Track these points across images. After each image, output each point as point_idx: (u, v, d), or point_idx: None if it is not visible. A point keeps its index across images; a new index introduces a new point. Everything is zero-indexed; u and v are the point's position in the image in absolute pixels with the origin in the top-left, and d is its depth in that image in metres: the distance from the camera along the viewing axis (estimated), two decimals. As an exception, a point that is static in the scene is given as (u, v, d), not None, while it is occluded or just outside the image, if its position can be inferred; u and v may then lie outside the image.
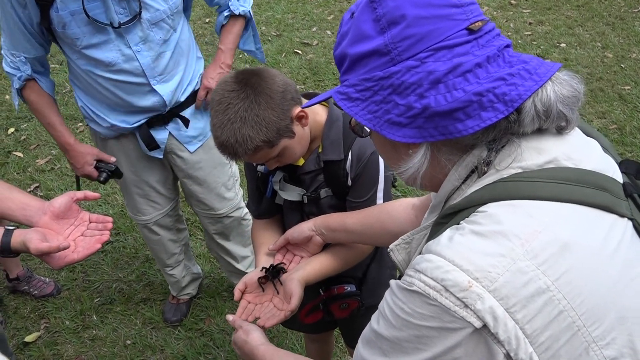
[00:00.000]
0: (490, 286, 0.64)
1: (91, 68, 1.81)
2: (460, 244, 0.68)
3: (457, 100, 0.71)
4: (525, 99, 0.71)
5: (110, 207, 3.22)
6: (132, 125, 1.95)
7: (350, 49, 0.77)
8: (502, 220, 0.68)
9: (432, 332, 0.67)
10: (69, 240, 1.28)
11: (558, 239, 0.67)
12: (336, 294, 1.57)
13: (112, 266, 2.87)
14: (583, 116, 3.93)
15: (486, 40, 0.74)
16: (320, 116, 1.40)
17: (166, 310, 2.60)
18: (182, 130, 2.02)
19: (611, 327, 0.68)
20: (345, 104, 0.79)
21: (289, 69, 4.54)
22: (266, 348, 1.16)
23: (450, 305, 0.65)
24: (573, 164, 0.73)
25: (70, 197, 1.32)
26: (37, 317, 2.61)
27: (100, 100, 1.91)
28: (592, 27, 5.08)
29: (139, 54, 1.81)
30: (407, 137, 0.74)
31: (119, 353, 2.44)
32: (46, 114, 1.94)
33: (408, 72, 0.73)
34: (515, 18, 5.28)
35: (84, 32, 1.72)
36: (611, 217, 0.72)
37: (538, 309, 0.64)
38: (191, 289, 2.61)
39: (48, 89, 1.94)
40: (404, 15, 0.73)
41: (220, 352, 2.44)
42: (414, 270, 0.70)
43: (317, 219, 1.41)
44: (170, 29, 1.85)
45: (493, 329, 0.64)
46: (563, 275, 0.66)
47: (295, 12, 5.51)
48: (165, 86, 1.90)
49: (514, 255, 0.65)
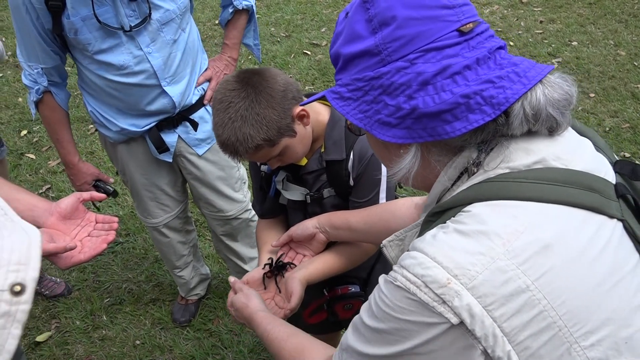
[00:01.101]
0: (468, 284, 0.65)
1: (102, 72, 1.82)
2: (442, 241, 0.69)
3: (445, 102, 0.71)
4: (512, 102, 0.71)
5: (120, 209, 3.25)
6: (142, 128, 1.96)
7: (343, 49, 0.78)
8: (486, 220, 0.68)
9: (411, 325, 0.69)
10: (75, 241, 1.29)
11: (540, 239, 0.67)
12: (340, 294, 1.57)
13: (121, 267, 2.90)
14: (595, 115, 3.88)
15: (477, 42, 0.73)
16: (323, 116, 1.41)
17: (175, 311, 2.61)
18: (190, 133, 2.03)
19: (596, 329, 0.67)
20: (338, 103, 0.80)
21: (298, 69, 4.55)
22: (264, 315, 1.18)
23: (428, 301, 0.66)
24: (562, 164, 0.73)
25: (76, 198, 1.33)
26: (48, 317, 2.65)
27: (110, 104, 1.93)
28: (605, 24, 5.02)
29: (150, 55, 1.82)
30: (397, 137, 0.75)
31: (128, 353, 2.46)
32: (56, 130, 1.97)
33: (397, 73, 0.73)
34: (526, 16, 5.24)
35: (95, 37, 1.73)
36: (600, 218, 0.71)
37: (517, 308, 0.65)
38: (200, 290, 2.63)
39: (62, 102, 1.95)
40: (395, 16, 0.73)
41: (229, 353, 2.45)
42: (399, 265, 0.71)
43: (321, 216, 1.41)
44: (179, 29, 1.87)
45: (470, 325, 0.65)
46: (543, 276, 0.66)
47: (305, 13, 5.52)
48: (175, 87, 1.91)
49: (493, 254, 0.66)
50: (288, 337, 1.07)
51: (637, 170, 0.76)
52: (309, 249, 1.44)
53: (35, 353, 2.46)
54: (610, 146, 3.69)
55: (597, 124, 3.78)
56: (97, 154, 3.70)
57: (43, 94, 1.89)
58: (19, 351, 1.75)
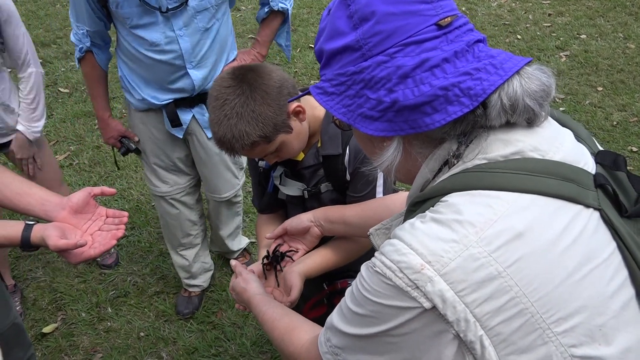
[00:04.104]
0: (441, 270, 0.67)
1: (136, 45, 1.99)
2: (419, 229, 0.71)
3: (424, 94, 0.72)
4: (489, 93, 0.71)
5: (126, 202, 3.28)
6: (161, 102, 2.12)
7: (327, 45, 0.80)
8: (461, 210, 0.70)
9: (386, 309, 0.72)
10: (86, 235, 1.32)
11: (513, 227, 0.68)
12: (340, 288, 1.58)
13: (127, 260, 2.93)
14: (602, 108, 3.85)
15: (455, 35, 0.75)
16: (319, 111, 1.41)
17: (179, 303, 2.65)
18: (205, 115, 2.17)
19: (569, 315, 0.68)
20: (322, 98, 0.81)
21: (304, 63, 4.54)
22: (262, 297, 1.23)
23: (403, 286, 0.69)
24: (539, 155, 0.74)
25: (87, 192, 1.35)
26: (54, 308, 2.68)
27: (138, 73, 2.09)
28: (614, 17, 4.97)
29: (181, 38, 1.96)
30: (379, 130, 0.76)
31: (133, 345, 2.50)
32: (93, 86, 2.20)
33: (378, 67, 0.74)
34: (534, 9, 5.19)
35: (134, 12, 1.90)
36: (576, 207, 0.72)
37: (489, 294, 0.66)
38: (202, 281, 2.66)
39: (102, 62, 2.15)
40: (374, 11, 0.75)
41: (231, 345, 2.47)
42: (379, 252, 0.74)
43: (317, 210, 1.42)
44: (213, 18, 2.01)
45: (442, 310, 0.67)
46: (515, 263, 0.67)
47: (311, 7, 5.52)
48: (198, 72, 2.05)
49: (466, 242, 0.68)
50: (281, 317, 1.12)
51: (618, 160, 0.77)
52: (303, 243, 1.45)
53: (42, 344, 2.50)
54: (617, 140, 3.65)
55: (604, 118, 3.75)
56: (103, 147, 3.73)
57: (85, 52, 2.11)
58: (28, 342, 1.78)
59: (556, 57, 4.47)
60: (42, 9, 5.77)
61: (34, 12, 5.69)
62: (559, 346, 0.68)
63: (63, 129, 3.91)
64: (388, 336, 0.73)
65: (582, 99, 3.96)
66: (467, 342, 0.68)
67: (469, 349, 0.69)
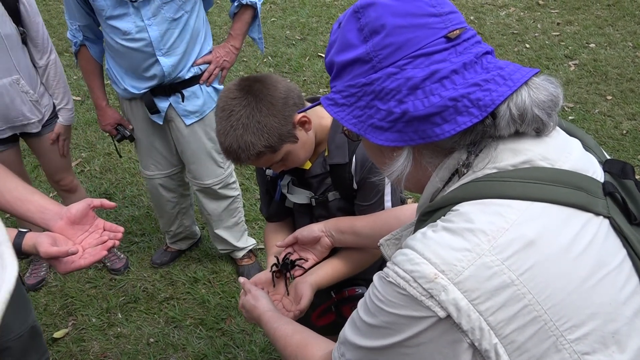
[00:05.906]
0: (455, 279, 0.68)
1: (113, 36, 2.17)
2: (431, 239, 0.72)
3: (434, 105, 0.74)
4: (498, 104, 0.73)
5: (136, 209, 3.32)
6: (140, 91, 2.30)
7: (337, 57, 0.81)
8: (472, 219, 0.71)
9: (400, 319, 0.72)
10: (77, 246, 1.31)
11: (524, 235, 0.69)
12: (347, 296, 1.59)
13: (137, 266, 2.95)
14: (612, 117, 3.84)
15: (464, 47, 0.76)
16: (326, 120, 1.43)
17: (155, 254, 2.96)
18: (180, 103, 2.34)
19: (582, 323, 0.69)
20: (333, 109, 0.83)
21: (313, 72, 4.58)
22: (272, 314, 1.23)
23: (417, 295, 0.69)
24: (549, 164, 0.75)
25: (87, 204, 1.36)
26: (65, 314, 2.71)
27: (119, 64, 2.28)
28: (623, 26, 4.96)
29: (150, 27, 2.13)
30: (389, 140, 0.78)
31: (142, 350, 2.51)
32: (89, 78, 2.42)
33: (388, 78, 0.76)
34: (542, 19, 5.20)
35: (108, 4, 2.08)
36: (586, 215, 0.73)
37: (502, 302, 0.67)
38: (183, 245, 2.95)
39: (96, 55, 2.36)
40: (384, 24, 0.76)
41: (240, 352, 2.48)
42: (391, 262, 0.74)
43: (329, 221, 1.44)
44: (180, 10, 2.16)
45: (456, 319, 0.68)
46: (528, 271, 0.68)
47: (320, 16, 5.56)
48: (168, 59, 2.22)
49: (479, 251, 0.68)
50: (293, 334, 1.11)
51: (626, 169, 0.78)
52: (313, 253, 1.46)
53: (53, 349, 2.52)
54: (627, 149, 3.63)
55: (614, 127, 3.74)
56: (114, 155, 3.77)
57: (80, 46, 2.32)
58: (44, 347, 1.80)
59: (565, 66, 4.47)
60: (55, 18, 5.87)
61: (47, 21, 5.78)
62: (572, 353, 0.68)
63: (75, 136, 3.96)
64: (403, 347, 0.73)
65: (592, 107, 3.96)
66: (482, 351, 0.68)
67: (484, 357, 0.69)
